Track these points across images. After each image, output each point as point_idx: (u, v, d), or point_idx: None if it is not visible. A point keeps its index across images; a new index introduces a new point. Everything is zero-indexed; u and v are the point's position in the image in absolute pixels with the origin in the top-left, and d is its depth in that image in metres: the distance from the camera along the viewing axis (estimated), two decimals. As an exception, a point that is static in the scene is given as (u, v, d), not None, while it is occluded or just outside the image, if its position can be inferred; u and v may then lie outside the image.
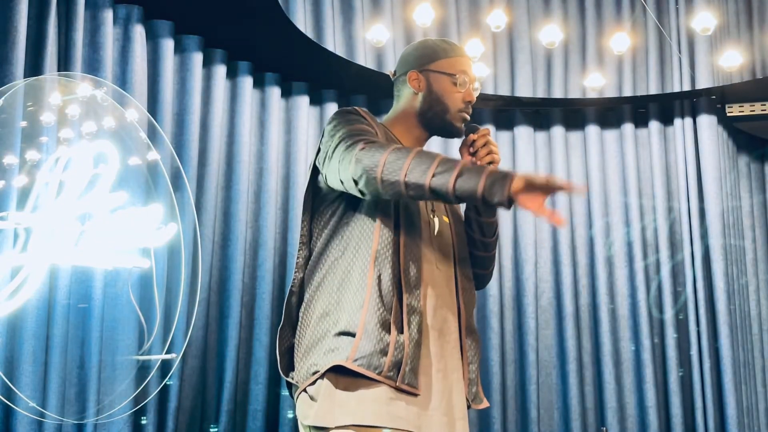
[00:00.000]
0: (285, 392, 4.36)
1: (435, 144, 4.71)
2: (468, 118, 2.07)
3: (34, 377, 3.16)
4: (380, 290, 1.82)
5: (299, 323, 1.94)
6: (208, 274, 4.14)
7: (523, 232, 5.10)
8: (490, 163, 2.02)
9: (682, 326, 4.97)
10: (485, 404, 2.04)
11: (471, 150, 2.06)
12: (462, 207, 2.17)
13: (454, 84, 2.04)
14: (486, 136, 2.06)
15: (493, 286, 5.01)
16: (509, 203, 1.64)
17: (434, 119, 2.06)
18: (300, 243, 2.00)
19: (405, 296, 1.84)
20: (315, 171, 1.99)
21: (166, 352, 3.72)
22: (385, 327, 1.80)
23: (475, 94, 2.07)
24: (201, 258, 3.94)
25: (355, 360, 1.76)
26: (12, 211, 3.11)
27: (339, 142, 1.84)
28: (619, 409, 4.88)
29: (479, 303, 5.04)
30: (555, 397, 4.98)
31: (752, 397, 5.06)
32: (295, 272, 2.00)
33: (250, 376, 4.29)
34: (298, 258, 2.00)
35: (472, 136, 2.07)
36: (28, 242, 3.14)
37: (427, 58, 2.07)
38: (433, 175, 1.68)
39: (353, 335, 1.79)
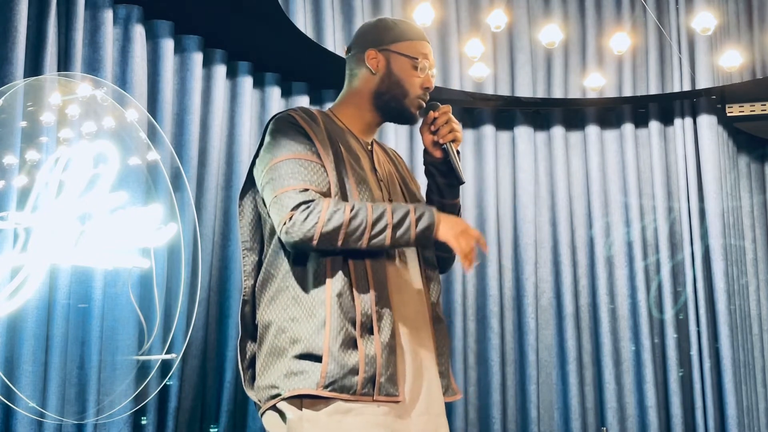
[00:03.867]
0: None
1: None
2: (424, 105, 1.99)
3: (34, 377, 3.16)
4: (341, 305, 1.73)
5: (258, 336, 1.87)
6: (208, 274, 4.14)
7: (523, 233, 5.10)
8: (452, 141, 1.96)
9: (682, 326, 4.97)
10: (458, 396, 1.96)
11: (432, 128, 1.97)
12: (421, 190, 2.09)
13: (415, 68, 1.94)
14: (447, 113, 1.97)
15: (493, 286, 5.01)
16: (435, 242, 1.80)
17: (390, 102, 1.96)
18: (244, 249, 1.92)
19: (371, 303, 1.76)
20: (252, 173, 1.91)
21: (166, 352, 3.72)
22: (352, 345, 1.72)
23: (433, 72, 1.99)
24: (201, 258, 3.94)
25: (326, 386, 1.69)
26: (12, 211, 3.11)
27: (273, 193, 1.77)
28: (619, 409, 4.88)
29: (479, 303, 5.04)
30: (555, 397, 4.98)
31: (752, 397, 5.06)
32: (245, 280, 1.91)
33: (250, 376, 4.28)
34: (244, 265, 1.92)
35: (432, 114, 1.98)
36: (28, 242, 3.14)
37: (388, 38, 1.97)
38: (370, 239, 1.75)
39: (317, 358, 1.71)
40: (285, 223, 1.73)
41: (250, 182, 1.93)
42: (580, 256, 5.10)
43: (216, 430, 4.11)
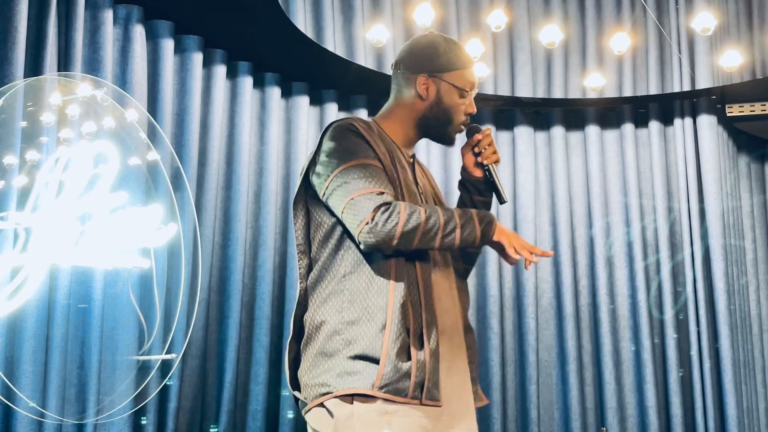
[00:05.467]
0: (285, 392, 4.37)
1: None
2: (464, 129, 2.08)
3: (34, 377, 3.16)
4: (402, 314, 1.81)
5: (305, 336, 1.92)
6: (208, 274, 4.14)
7: (523, 233, 5.10)
8: (495, 162, 2.07)
9: (682, 326, 4.97)
10: (484, 401, 2.05)
11: (476, 150, 2.07)
12: (449, 201, 2.18)
13: (462, 97, 2.02)
14: (490, 135, 2.08)
15: (493, 286, 5.01)
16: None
17: (435, 128, 2.04)
18: (299, 252, 1.98)
19: (424, 313, 1.85)
20: (308, 177, 1.96)
21: (166, 353, 3.72)
22: (406, 350, 1.81)
23: (474, 106, 2.07)
24: (201, 258, 3.94)
25: (381, 387, 1.77)
26: (12, 211, 3.11)
27: (348, 196, 1.82)
28: (619, 409, 4.88)
29: (479, 303, 5.04)
30: (555, 397, 4.98)
31: (752, 397, 5.06)
32: (299, 283, 1.98)
33: (250, 377, 4.29)
34: (300, 268, 1.98)
35: (477, 137, 2.07)
36: (28, 242, 3.14)
37: (440, 65, 2.00)
38: (443, 238, 1.84)
39: (374, 361, 1.78)
40: (367, 223, 1.78)
41: (303, 187, 1.96)
42: (580, 256, 5.10)
43: (216, 430, 4.11)
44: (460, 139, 2.13)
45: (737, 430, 4.73)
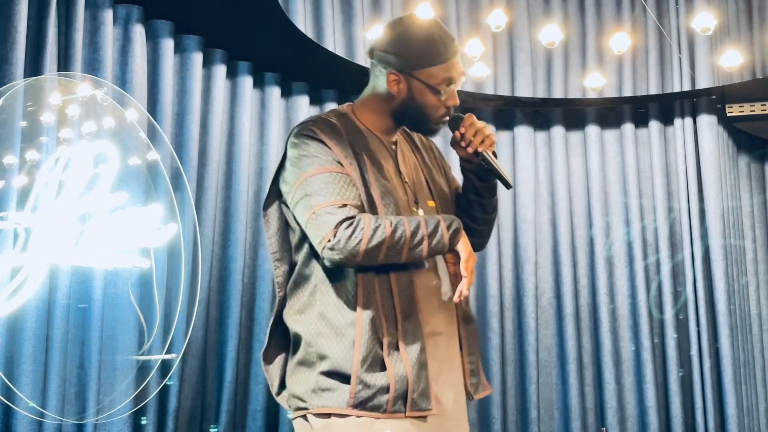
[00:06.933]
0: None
1: None
2: (447, 120, 1.93)
3: (34, 377, 3.16)
4: (372, 329, 1.73)
5: (291, 344, 1.87)
6: (208, 274, 4.14)
7: (523, 233, 5.10)
8: (489, 146, 1.91)
9: (682, 326, 4.97)
10: (489, 391, 1.96)
11: (463, 144, 1.92)
12: (447, 186, 2.04)
13: (438, 94, 1.86)
14: (473, 124, 1.91)
15: (493, 286, 5.01)
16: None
17: (409, 120, 1.93)
18: (274, 261, 1.90)
19: (401, 323, 1.76)
20: (277, 181, 1.87)
21: (166, 352, 3.72)
22: (380, 365, 1.73)
23: (460, 84, 1.90)
24: (201, 258, 3.94)
25: (355, 406, 1.70)
26: (12, 211, 3.11)
27: (310, 210, 1.74)
28: (619, 409, 4.88)
29: (479, 303, 5.04)
30: (555, 397, 4.98)
31: (752, 397, 5.06)
32: (278, 292, 1.90)
33: (250, 377, 4.29)
34: (277, 277, 1.89)
35: (458, 133, 1.92)
36: (28, 242, 3.14)
37: (412, 63, 1.85)
38: (409, 251, 1.75)
39: (345, 378, 1.72)
40: (329, 240, 1.71)
41: (274, 193, 1.89)
42: (580, 256, 5.10)
43: (216, 430, 4.11)
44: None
45: (737, 430, 4.73)
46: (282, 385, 1.90)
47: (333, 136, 1.83)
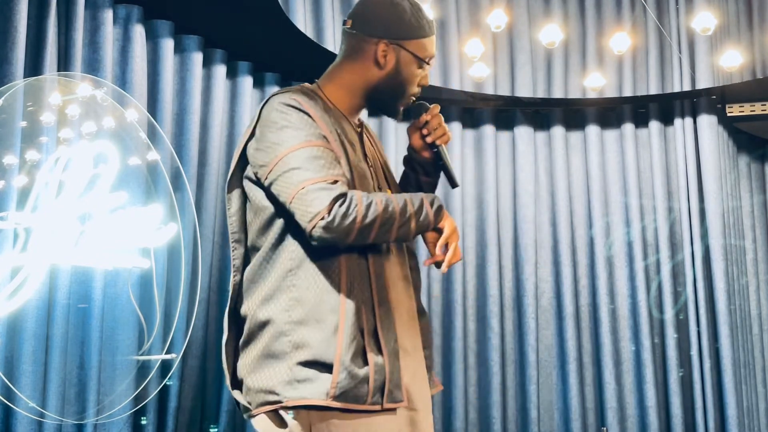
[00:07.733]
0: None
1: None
2: (414, 102, 1.89)
3: (34, 377, 3.16)
4: (356, 314, 1.66)
5: (245, 333, 1.74)
6: (208, 274, 4.14)
7: (524, 233, 5.10)
8: (446, 141, 1.91)
9: (682, 326, 4.97)
10: (439, 388, 1.91)
11: (425, 131, 1.89)
12: (397, 171, 2.01)
13: (421, 68, 1.83)
14: (438, 115, 1.90)
15: (493, 286, 5.01)
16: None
17: (385, 100, 1.86)
18: (233, 242, 1.78)
19: (378, 309, 1.70)
20: (244, 157, 1.76)
21: (166, 352, 3.72)
22: (361, 353, 1.66)
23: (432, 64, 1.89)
24: (201, 258, 3.94)
25: (336, 397, 1.61)
26: (12, 211, 3.11)
27: (299, 185, 1.63)
28: (619, 409, 4.88)
29: (479, 303, 5.04)
30: (555, 397, 4.98)
31: (752, 397, 5.06)
32: (234, 275, 1.78)
33: (250, 376, 4.28)
34: (234, 258, 1.78)
35: (424, 117, 1.89)
36: (28, 242, 3.14)
37: (405, 32, 1.80)
38: (399, 228, 1.69)
39: (327, 368, 1.63)
40: (323, 218, 1.60)
41: (239, 169, 1.78)
42: (580, 256, 5.10)
43: (216, 430, 4.11)
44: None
45: (737, 430, 4.73)
46: (235, 379, 1.78)
47: (318, 109, 1.75)
